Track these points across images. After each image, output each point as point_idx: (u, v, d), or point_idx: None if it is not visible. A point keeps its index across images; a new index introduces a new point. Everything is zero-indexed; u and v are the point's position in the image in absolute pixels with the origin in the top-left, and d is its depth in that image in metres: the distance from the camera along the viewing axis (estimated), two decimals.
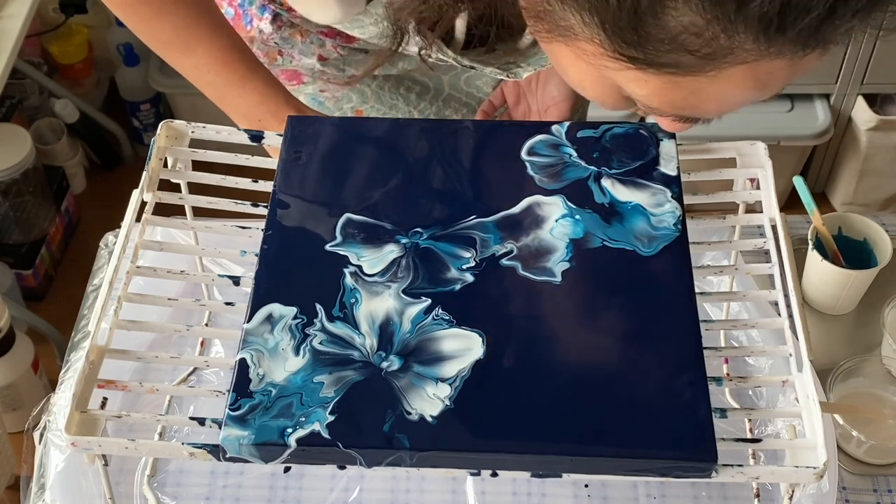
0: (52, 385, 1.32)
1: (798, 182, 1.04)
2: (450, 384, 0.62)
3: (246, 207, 0.78)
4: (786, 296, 0.71)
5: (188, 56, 0.86)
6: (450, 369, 0.63)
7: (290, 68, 0.99)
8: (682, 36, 0.50)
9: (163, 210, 0.75)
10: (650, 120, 0.69)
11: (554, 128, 0.77)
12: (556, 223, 0.71)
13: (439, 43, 0.77)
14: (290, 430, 0.60)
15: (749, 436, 0.86)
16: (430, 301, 0.67)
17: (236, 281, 0.73)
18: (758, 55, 0.51)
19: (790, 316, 0.69)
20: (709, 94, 0.55)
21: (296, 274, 0.69)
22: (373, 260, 0.69)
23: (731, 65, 0.52)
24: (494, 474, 0.63)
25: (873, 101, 1.93)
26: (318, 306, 0.66)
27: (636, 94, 0.57)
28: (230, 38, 0.85)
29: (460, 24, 0.77)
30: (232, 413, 0.61)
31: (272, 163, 0.77)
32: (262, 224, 0.72)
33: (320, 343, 0.65)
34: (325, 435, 0.60)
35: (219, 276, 0.75)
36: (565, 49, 0.58)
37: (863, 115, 1.91)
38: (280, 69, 0.99)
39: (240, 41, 0.87)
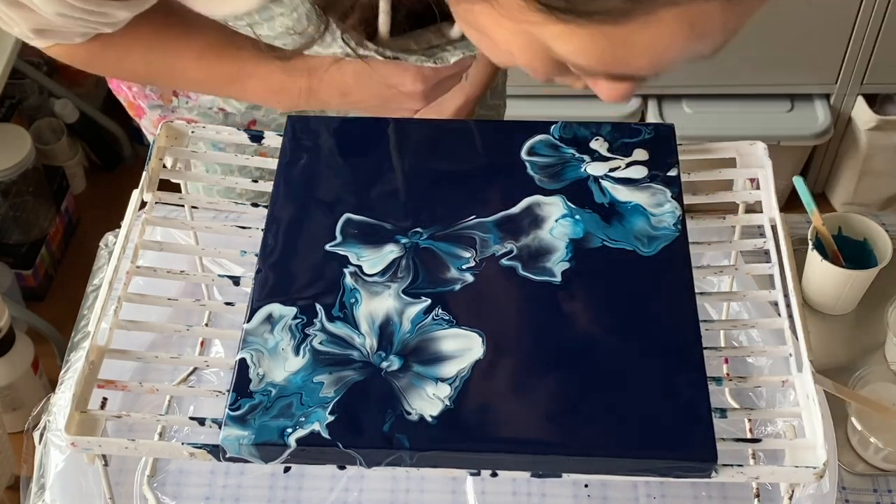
0: (52, 385, 1.32)
1: (798, 182, 1.04)
2: (450, 384, 0.62)
3: (246, 207, 0.78)
4: (786, 296, 0.71)
5: (175, 80, 0.85)
6: (450, 369, 0.63)
7: (185, 116, 0.97)
8: None
9: (163, 210, 0.75)
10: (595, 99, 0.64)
11: (553, 128, 0.77)
12: (556, 223, 0.71)
13: (359, 35, 0.72)
14: (290, 430, 0.60)
15: (749, 436, 0.86)
16: (429, 301, 0.67)
17: (236, 281, 0.73)
18: None
19: (790, 316, 0.69)
20: (640, 44, 0.52)
21: (296, 274, 0.69)
22: (373, 260, 0.69)
23: (661, 7, 0.49)
24: (494, 474, 0.63)
25: (873, 101, 1.93)
26: (318, 306, 0.66)
27: (565, 53, 0.54)
28: (203, 39, 0.80)
29: (384, 12, 0.73)
30: (232, 413, 0.61)
31: (272, 163, 0.77)
32: (262, 224, 0.72)
33: (320, 343, 0.65)
34: (325, 435, 0.60)
35: (219, 276, 0.75)
36: (488, 10, 0.54)
37: (863, 115, 1.91)
38: (176, 117, 0.96)
39: (212, 35, 0.81)
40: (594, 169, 0.75)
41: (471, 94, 0.92)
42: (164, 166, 0.78)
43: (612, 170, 0.74)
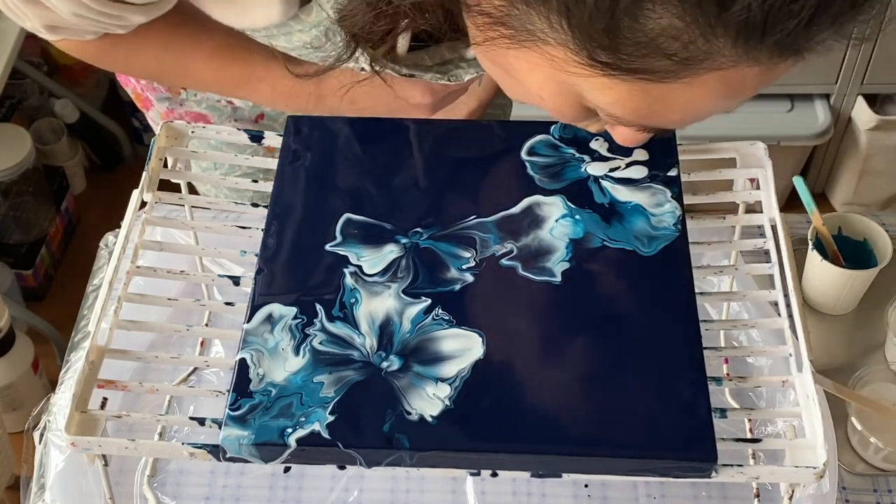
0: (52, 385, 1.32)
1: (798, 182, 1.04)
2: (450, 384, 0.62)
3: (246, 207, 0.78)
4: (786, 296, 0.71)
5: (186, 80, 0.85)
6: (450, 369, 0.63)
7: (194, 110, 0.97)
8: (660, 39, 0.49)
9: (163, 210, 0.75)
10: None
11: (554, 128, 0.77)
12: (556, 223, 0.71)
13: (379, 56, 0.72)
14: (290, 430, 0.60)
15: (749, 436, 0.86)
16: (430, 301, 0.67)
17: (236, 281, 0.73)
18: (734, 61, 0.50)
19: (790, 316, 0.69)
20: (677, 102, 0.54)
21: (296, 274, 0.69)
22: (373, 260, 0.69)
23: (707, 71, 0.51)
24: (494, 474, 0.63)
25: (873, 101, 1.92)
26: (318, 306, 0.66)
27: (600, 103, 0.56)
28: (215, 40, 0.81)
29: (403, 35, 0.74)
30: (232, 413, 0.61)
31: (272, 163, 0.77)
32: (262, 224, 0.72)
33: (320, 343, 0.65)
34: (325, 435, 0.60)
35: (219, 276, 0.75)
36: (524, 56, 0.56)
37: (863, 115, 1.91)
38: (184, 111, 0.97)
39: (223, 37, 0.81)
40: (594, 169, 0.75)
41: (483, 98, 0.93)
42: (165, 166, 0.79)
43: (612, 170, 0.74)
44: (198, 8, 0.78)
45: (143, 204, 0.75)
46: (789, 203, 1.86)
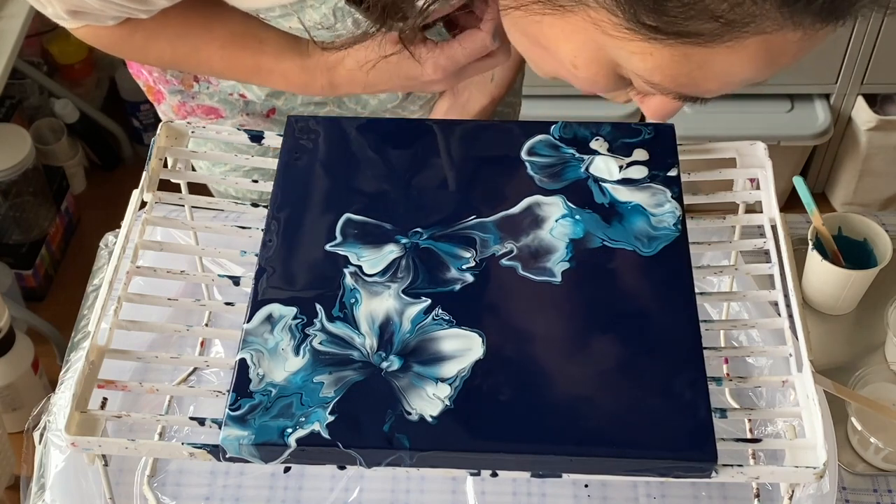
0: (52, 385, 1.32)
1: (798, 182, 1.04)
2: (450, 384, 0.62)
3: (246, 207, 0.78)
4: (786, 296, 0.71)
5: (200, 67, 0.85)
6: (450, 369, 0.63)
7: (206, 104, 0.97)
8: (708, 0, 0.49)
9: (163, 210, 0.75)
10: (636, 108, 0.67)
11: (553, 128, 0.77)
12: (556, 223, 0.71)
13: (408, 29, 0.71)
14: (290, 430, 0.60)
15: (749, 436, 0.86)
16: (429, 301, 0.67)
17: (236, 281, 0.73)
18: (778, 25, 0.50)
19: (790, 316, 0.69)
20: (717, 68, 0.54)
21: (296, 274, 0.69)
22: (373, 260, 0.69)
23: (750, 35, 0.51)
24: (494, 474, 0.63)
25: (873, 101, 1.93)
26: (318, 306, 0.66)
27: (639, 69, 0.55)
28: (227, 28, 0.81)
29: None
30: (232, 413, 0.61)
31: (272, 163, 0.77)
32: (262, 224, 0.72)
33: (320, 343, 0.65)
34: (325, 435, 0.60)
35: (219, 276, 0.75)
36: (560, 23, 0.56)
37: (863, 115, 1.91)
38: (196, 104, 0.97)
39: (236, 25, 0.81)
40: (601, 167, 0.75)
41: (496, 94, 0.94)
42: (165, 166, 0.79)
43: (619, 168, 0.74)
44: None
45: (143, 204, 0.75)
46: (789, 203, 1.86)
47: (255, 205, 0.78)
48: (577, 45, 0.57)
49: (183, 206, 0.79)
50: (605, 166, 0.74)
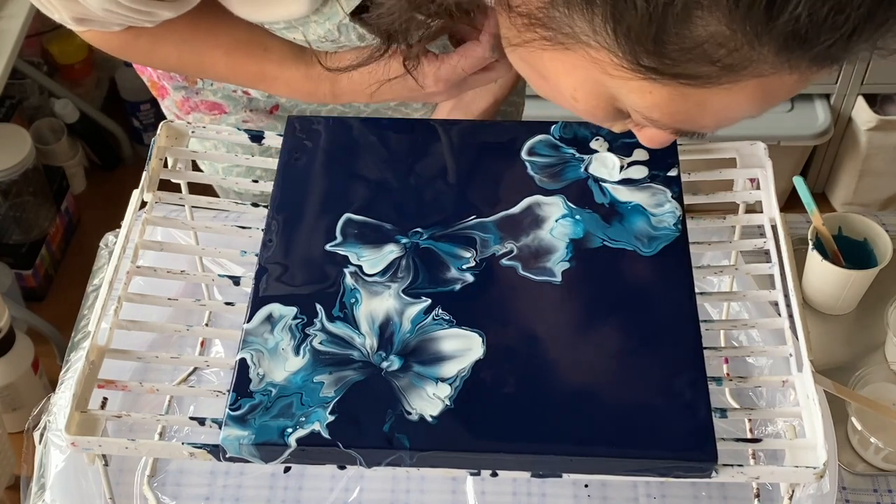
0: (52, 385, 1.32)
1: (798, 182, 1.04)
2: (450, 384, 0.62)
3: (246, 207, 0.78)
4: (786, 296, 0.71)
5: (205, 73, 0.86)
6: (450, 369, 0.63)
7: (210, 99, 0.98)
8: (706, 45, 0.50)
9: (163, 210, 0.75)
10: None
11: (554, 128, 0.77)
12: (556, 223, 0.71)
13: (414, 55, 0.73)
14: (290, 430, 0.60)
15: (749, 436, 0.86)
16: (430, 301, 0.67)
17: (236, 281, 0.73)
18: (775, 68, 0.51)
19: (790, 316, 0.69)
20: (714, 107, 0.55)
21: (296, 274, 0.69)
22: (373, 260, 0.69)
23: (747, 77, 0.52)
24: (494, 474, 0.63)
25: (873, 101, 1.92)
26: (318, 306, 0.66)
27: (637, 106, 0.57)
28: (232, 35, 0.81)
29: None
30: (232, 413, 0.61)
31: (273, 163, 0.77)
32: (262, 224, 0.72)
33: (320, 343, 0.65)
34: (325, 435, 0.60)
35: (219, 276, 0.75)
36: (561, 58, 0.57)
37: (863, 115, 1.91)
38: (200, 100, 0.98)
39: (240, 32, 0.81)
40: (603, 167, 0.75)
41: (499, 95, 0.95)
42: (165, 166, 0.79)
43: (620, 168, 0.74)
44: (219, 3, 0.79)
45: (144, 204, 0.75)
46: (789, 203, 1.86)
47: (255, 205, 0.78)
48: (577, 80, 0.58)
49: (183, 206, 0.79)
50: (606, 164, 0.74)
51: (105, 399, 0.67)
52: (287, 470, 0.85)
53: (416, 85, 0.76)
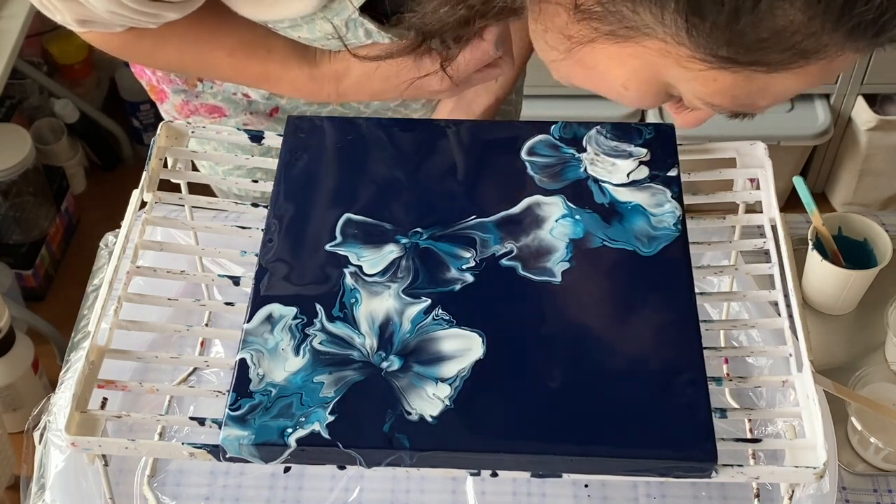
0: (52, 385, 1.32)
1: (798, 182, 1.04)
2: (450, 384, 0.62)
3: (246, 207, 0.78)
4: (786, 296, 0.71)
5: (208, 73, 0.86)
6: (450, 369, 0.63)
7: (209, 102, 0.97)
8: (783, 33, 0.51)
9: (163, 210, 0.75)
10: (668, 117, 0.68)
11: (553, 128, 0.77)
12: (556, 223, 0.71)
13: (453, 56, 0.73)
14: (290, 430, 0.60)
15: (749, 436, 0.86)
16: (430, 301, 0.67)
17: (236, 281, 0.73)
18: (842, 51, 0.52)
19: (790, 316, 0.69)
20: (776, 88, 0.55)
21: (296, 274, 0.69)
22: (373, 260, 0.69)
23: (816, 60, 0.53)
24: (494, 474, 0.63)
25: (873, 101, 1.92)
26: (318, 306, 0.66)
27: (699, 93, 0.57)
28: (235, 36, 0.81)
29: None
30: (232, 413, 0.61)
31: (273, 163, 0.77)
32: (262, 224, 0.72)
33: (320, 343, 0.65)
34: (325, 435, 0.60)
35: (219, 276, 0.75)
36: (615, 49, 0.57)
37: (863, 115, 1.91)
38: (200, 103, 0.98)
39: (243, 33, 0.81)
40: (611, 171, 0.75)
41: (500, 94, 0.95)
42: (165, 166, 0.79)
43: (629, 172, 0.74)
44: (222, 3, 0.79)
45: (143, 204, 0.75)
46: (789, 203, 1.86)
47: (255, 205, 0.78)
48: (631, 70, 0.58)
49: (183, 206, 0.79)
50: (613, 171, 0.74)
51: (105, 399, 0.67)
52: (287, 470, 0.85)
53: (419, 83, 0.76)
